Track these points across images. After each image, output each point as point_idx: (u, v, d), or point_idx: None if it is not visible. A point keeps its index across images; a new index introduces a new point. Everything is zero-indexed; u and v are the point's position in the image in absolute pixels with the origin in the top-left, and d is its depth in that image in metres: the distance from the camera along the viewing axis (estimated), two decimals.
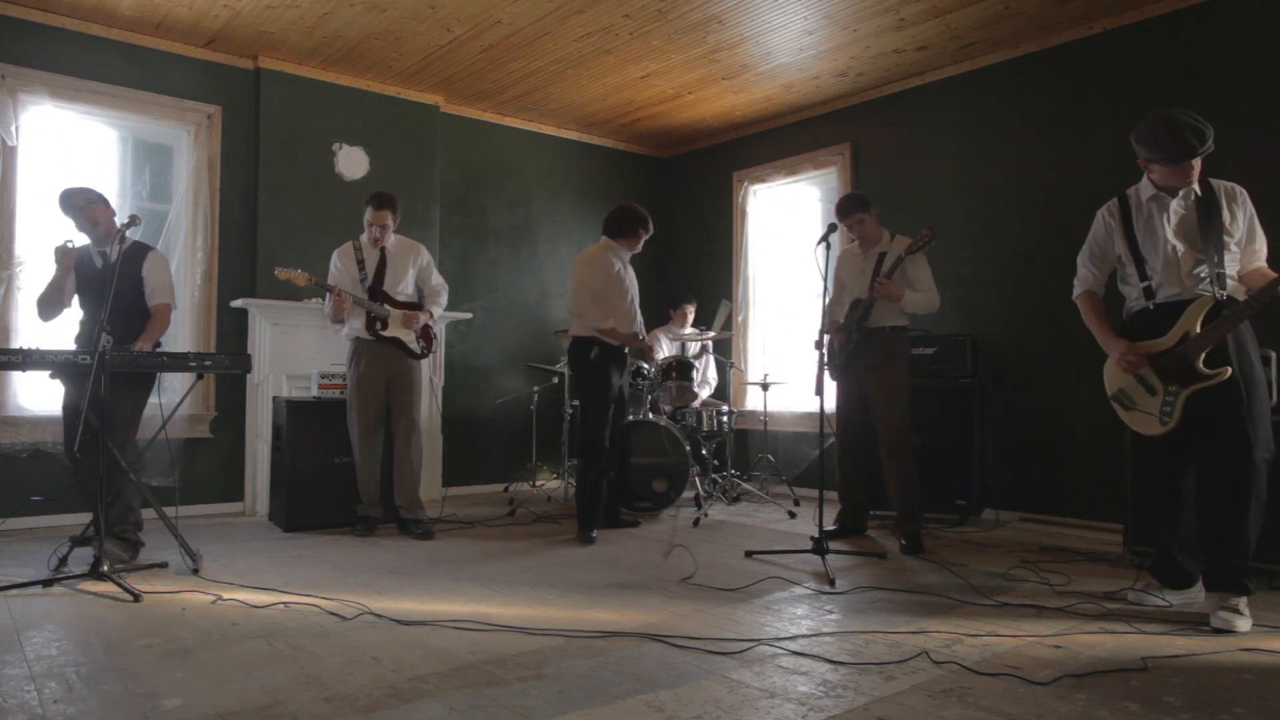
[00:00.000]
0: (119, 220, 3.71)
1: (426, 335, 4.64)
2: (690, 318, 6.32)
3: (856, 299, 4.31)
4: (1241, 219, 2.95)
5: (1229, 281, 2.91)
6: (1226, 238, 2.92)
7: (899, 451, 4.20)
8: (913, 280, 4.20)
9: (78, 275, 3.81)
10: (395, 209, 4.52)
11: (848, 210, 4.31)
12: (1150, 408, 2.96)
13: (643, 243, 4.64)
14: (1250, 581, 2.85)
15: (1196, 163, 2.93)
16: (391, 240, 4.58)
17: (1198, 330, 2.86)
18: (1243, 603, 2.83)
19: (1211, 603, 2.87)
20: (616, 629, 2.75)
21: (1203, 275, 2.92)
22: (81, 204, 3.72)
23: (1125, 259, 3.11)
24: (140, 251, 3.90)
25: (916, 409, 4.77)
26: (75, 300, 3.87)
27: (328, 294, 4.35)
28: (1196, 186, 2.98)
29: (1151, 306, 3.03)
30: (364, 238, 4.57)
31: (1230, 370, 2.82)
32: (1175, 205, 2.98)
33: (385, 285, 4.51)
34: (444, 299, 4.76)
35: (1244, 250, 2.97)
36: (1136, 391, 3.00)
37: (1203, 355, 2.84)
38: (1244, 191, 2.99)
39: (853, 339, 4.25)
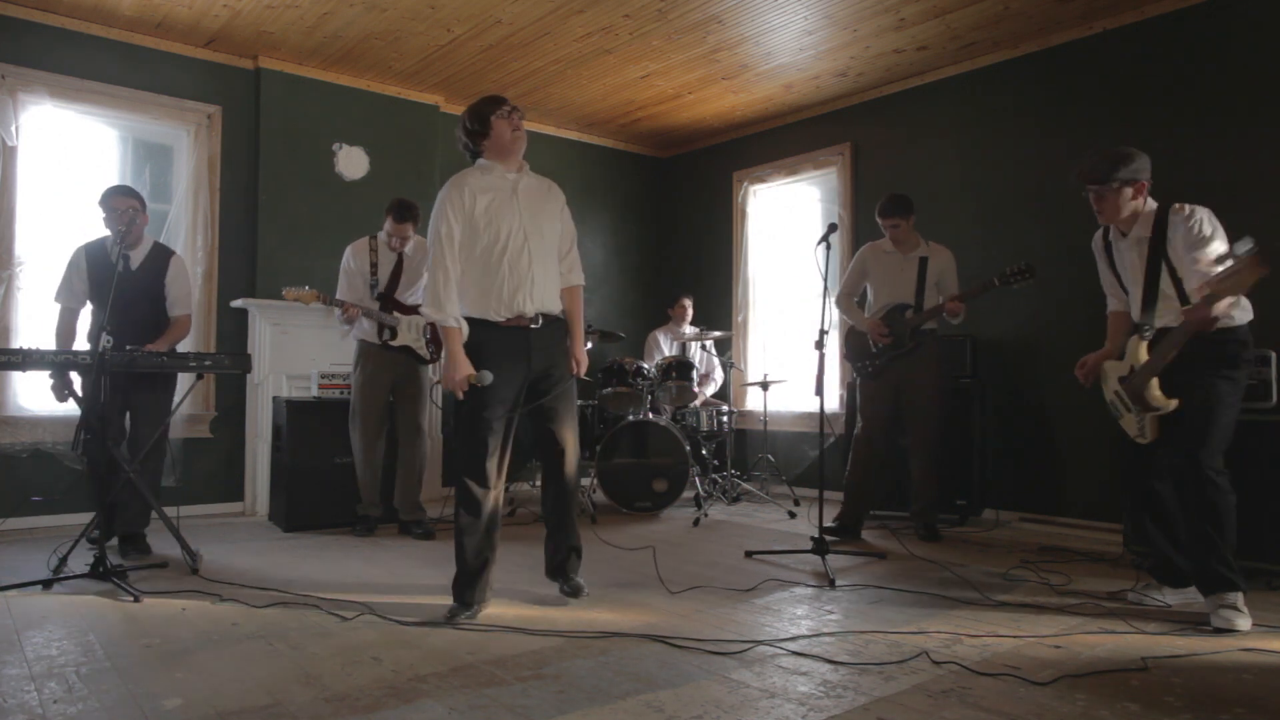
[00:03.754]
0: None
1: (438, 339, 4.57)
2: (689, 312, 6.32)
3: (901, 304, 4.36)
4: (1181, 242, 2.90)
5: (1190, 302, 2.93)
6: (1186, 275, 2.90)
7: (932, 449, 4.33)
8: (950, 290, 4.35)
9: (91, 274, 3.84)
10: (416, 220, 4.44)
11: (883, 213, 4.37)
12: (1130, 426, 3.11)
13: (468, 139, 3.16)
14: (1236, 577, 2.84)
15: (1106, 201, 3.01)
16: (410, 244, 4.53)
17: (1138, 363, 2.99)
18: (1240, 600, 2.83)
19: (1210, 603, 2.87)
20: (616, 629, 2.75)
21: (1159, 309, 3.00)
22: (125, 207, 3.76)
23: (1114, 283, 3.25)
24: (165, 256, 4.00)
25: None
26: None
27: (337, 308, 4.34)
28: (1147, 228, 2.99)
29: (1145, 334, 3.10)
30: (382, 235, 4.52)
31: (1175, 404, 2.89)
32: (1126, 248, 3.10)
33: (398, 292, 4.47)
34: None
35: (1192, 268, 2.90)
36: (1120, 407, 3.13)
37: (1151, 386, 2.92)
38: (1190, 211, 2.90)
39: (903, 344, 4.30)
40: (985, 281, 4.18)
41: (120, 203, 3.77)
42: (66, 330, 3.91)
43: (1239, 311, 2.89)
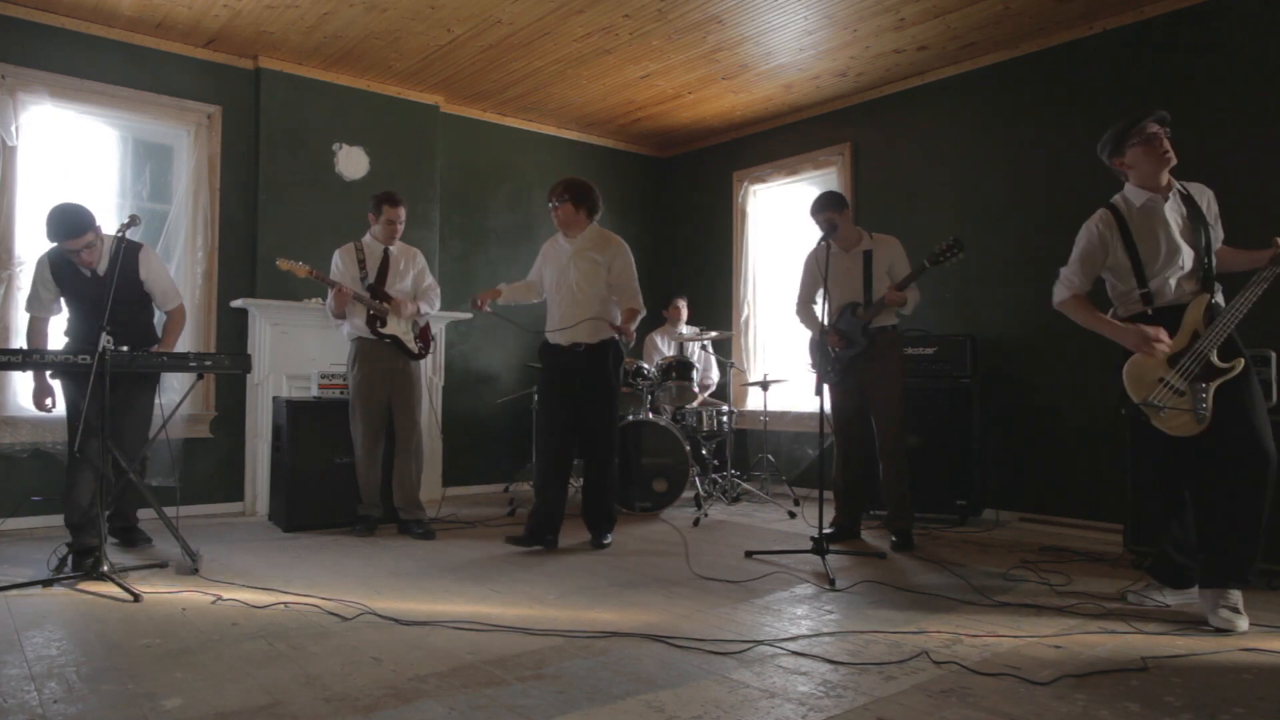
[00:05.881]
0: (118, 220, 3.71)
1: (425, 336, 4.65)
2: (684, 313, 6.32)
3: (851, 303, 4.29)
4: (1216, 211, 3.09)
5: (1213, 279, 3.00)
6: (1212, 233, 3.01)
7: (896, 451, 4.22)
8: (900, 279, 4.18)
9: (62, 285, 3.78)
10: (406, 206, 4.65)
11: (815, 208, 4.28)
12: (1183, 406, 2.91)
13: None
14: (1251, 575, 2.84)
15: (1168, 144, 3.00)
16: (396, 246, 4.62)
17: (1203, 327, 2.91)
18: (1240, 600, 2.83)
19: (1209, 602, 2.86)
20: (616, 629, 2.75)
21: (1200, 275, 2.97)
22: (81, 246, 3.60)
23: (1122, 269, 3.09)
24: (133, 251, 3.84)
25: (915, 409, 4.77)
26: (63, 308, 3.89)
27: (329, 288, 4.38)
28: (1180, 185, 3.05)
29: (1149, 312, 3.04)
30: (366, 238, 4.59)
31: (1244, 361, 2.87)
32: (1170, 209, 3.02)
33: (386, 285, 4.54)
34: (436, 301, 4.75)
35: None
36: (1163, 396, 2.95)
37: (1216, 349, 2.88)
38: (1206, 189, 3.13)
39: (856, 344, 4.23)
40: (917, 265, 4.09)
41: (76, 244, 3.58)
42: (38, 338, 3.84)
43: None
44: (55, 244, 3.63)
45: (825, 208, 4.25)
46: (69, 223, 3.56)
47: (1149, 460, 3.13)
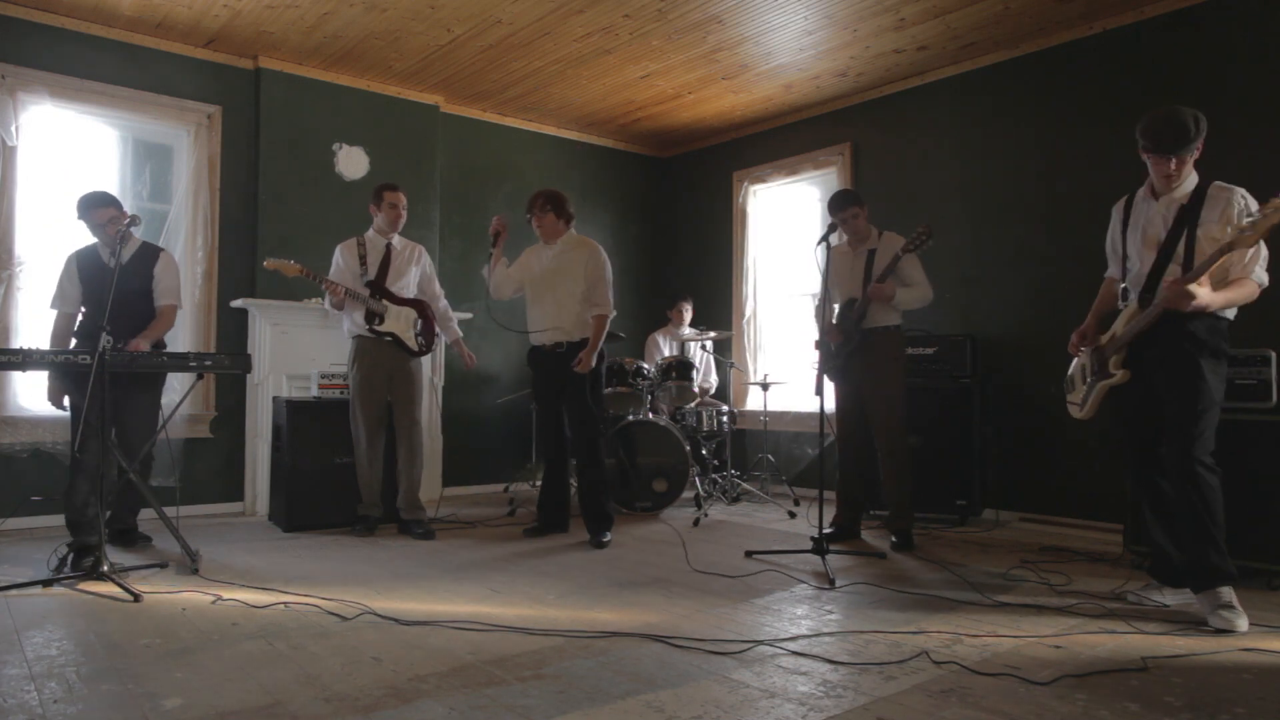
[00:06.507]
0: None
1: (429, 332, 4.63)
2: (688, 315, 6.33)
3: (851, 299, 4.30)
4: (1240, 216, 2.87)
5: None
6: (1208, 246, 2.86)
7: (895, 451, 4.21)
8: (904, 276, 4.18)
9: (84, 279, 3.86)
10: (405, 192, 4.68)
11: (842, 205, 4.27)
12: (1076, 397, 3.28)
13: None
14: (1230, 568, 2.84)
15: (1175, 165, 2.91)
16: (397, 239, 4.61)
17: (1119, 333, 3.07)
18: (1234, 597, 2.83)
19: (1207, 603, 2.86)
20: (616, 629, 2.75)
21: (1159, 282, 2.95)
22: (106, 219, 3.75)
23: (1124, 257, 3.16)
24: (153, 252, 4.02)
25: (915, 409, 4.76)
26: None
27: (324, 286, 4.39)
28: (1184, 194, 2.96)
29: (1121, 306, 3.14)
30: (369, 233, 4.58)
31: (1125, 374, 3.03)
32: (1154, 212, 3.02)
33: (388, 282, 4.52)
34: (452, 316, 4.90)
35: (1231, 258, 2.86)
36: (1077, 379, 3.29)
37: (1116, 356, 3.06)
38: (1240, 195, 2.88)
39: (851, 340, 4.23)
40: (894, 257, 4.12)
41: (100, 215, 3.76)
42: (62, 334, 3.91)
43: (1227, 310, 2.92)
44: (83, 218, 3.78)
45: (830, 207, 4.32)
46: (99, 195, 3.81)
47: (1126, 465, 3.21)
